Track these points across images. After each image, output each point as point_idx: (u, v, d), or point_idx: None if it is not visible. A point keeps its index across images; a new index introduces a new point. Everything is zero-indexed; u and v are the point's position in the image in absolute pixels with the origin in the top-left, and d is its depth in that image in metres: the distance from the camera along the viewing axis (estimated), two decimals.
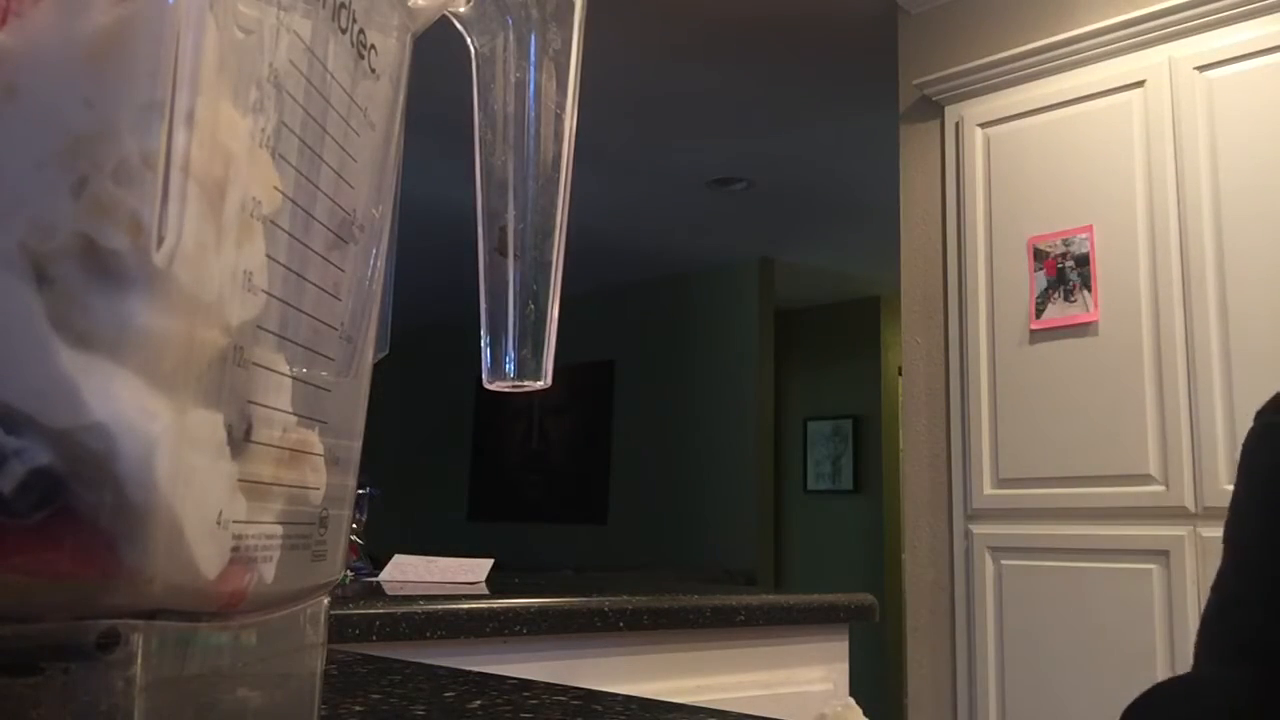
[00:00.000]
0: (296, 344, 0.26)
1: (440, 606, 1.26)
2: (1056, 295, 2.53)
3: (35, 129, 0.20)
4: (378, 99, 0.31)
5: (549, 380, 0.38)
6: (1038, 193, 2.61)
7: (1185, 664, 2.20)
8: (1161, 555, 2.30)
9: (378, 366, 0.34)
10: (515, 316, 0.38)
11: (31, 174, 0.20)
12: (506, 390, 0.38)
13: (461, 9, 0.36)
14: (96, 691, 0.20)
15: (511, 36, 0.37)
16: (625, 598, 1.42)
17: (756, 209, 5.00)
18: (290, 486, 0.26)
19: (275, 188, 0.25)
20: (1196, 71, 2.38)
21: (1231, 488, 0.83)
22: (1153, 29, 2.48)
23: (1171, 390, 2.32)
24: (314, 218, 0.27)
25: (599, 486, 6.23)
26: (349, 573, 1.66)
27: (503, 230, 0.37)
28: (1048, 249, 2.56)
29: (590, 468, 6.31)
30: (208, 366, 0.22)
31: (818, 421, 6.36)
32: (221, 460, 0.23)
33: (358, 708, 0.49)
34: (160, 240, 0.20)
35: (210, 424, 0.22)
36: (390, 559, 1.74)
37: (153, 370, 0.20)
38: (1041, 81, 2.66)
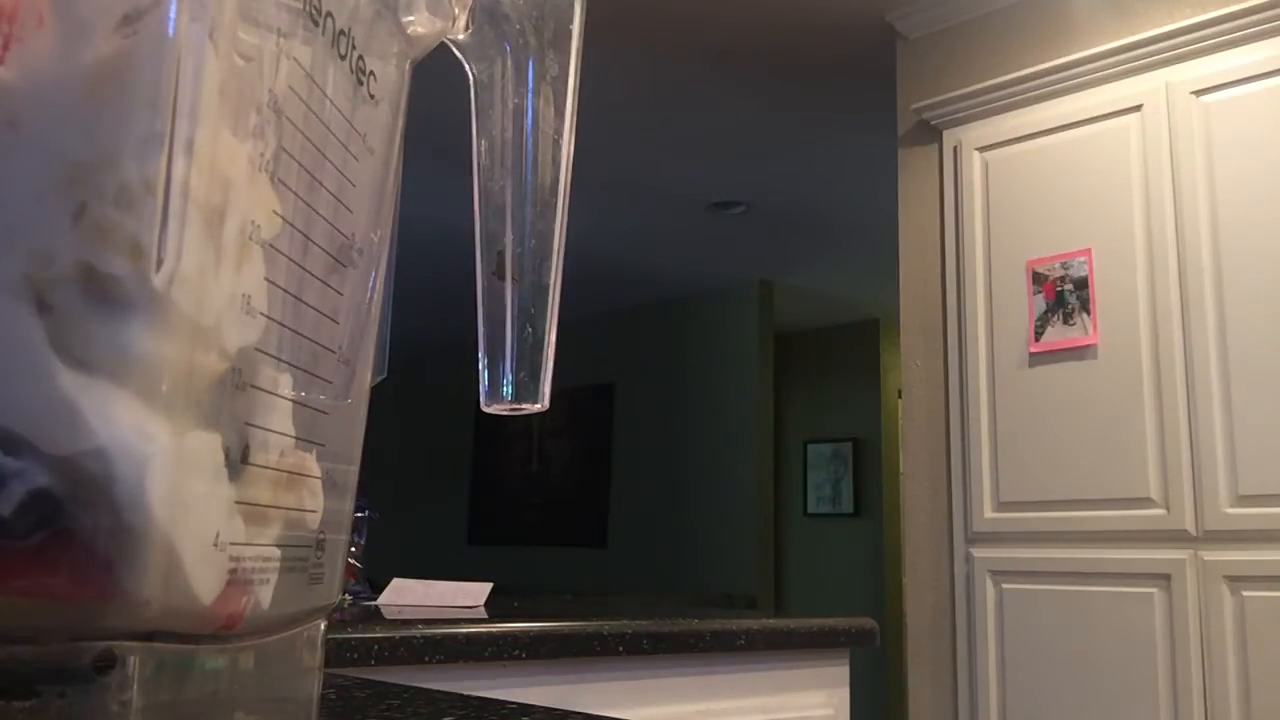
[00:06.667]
0: (295, 367, 0.27)
1: (439, 630, 1.26)
2: (1055, 318, 2.54)
3: (36, 159, 0.20)
4: (377, 125, 0.31)
5: (546, 403, 0.38)
6: (1036, 216, 2.62)
7: (1187, 689, 2.20)
8: (1163, 579, 2.29)
9: (376, 389, 0.34)
10: (513, 340, 0.38)
11: (32, 203, 0.20)
12: (504, 413, 0.38)
13: (460, 36, 0.37)
14: (92, 715, 0.20)
15: (510, 63, 0.37)
16: (625, 622, 1.41)
17: (756, 232, 5.02)
18: (288, 509, 0.27)
19: (274, 212, 0.25)
20: (1193, 96, 2.40)
21: (1232, 511, 0.78)
22: (1150, 54, 2.49)
23: (1171, 413, 2.32)
24: (313, 242, 0.27)
25: (598, 510, 6.22)
26: (347, 596, 1.66)
27: (500, 254, 0.38)
28: (1046, 272, 2.57)
29: (590, 491, 6.29)
30: (206, 389, 0.22)
31: (818, 444, 6.35)
32: (219, 483, 0.23)
33: None
34: (159, 263, 0.21)
35: (208, 446, 0.22)
36: (389, 582, 1.73)
37: (151, 393, 0.21)
38: (1039, 106, 2.67)
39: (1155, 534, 2.32)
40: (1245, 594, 2.18)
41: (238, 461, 0.23)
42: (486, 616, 1.42)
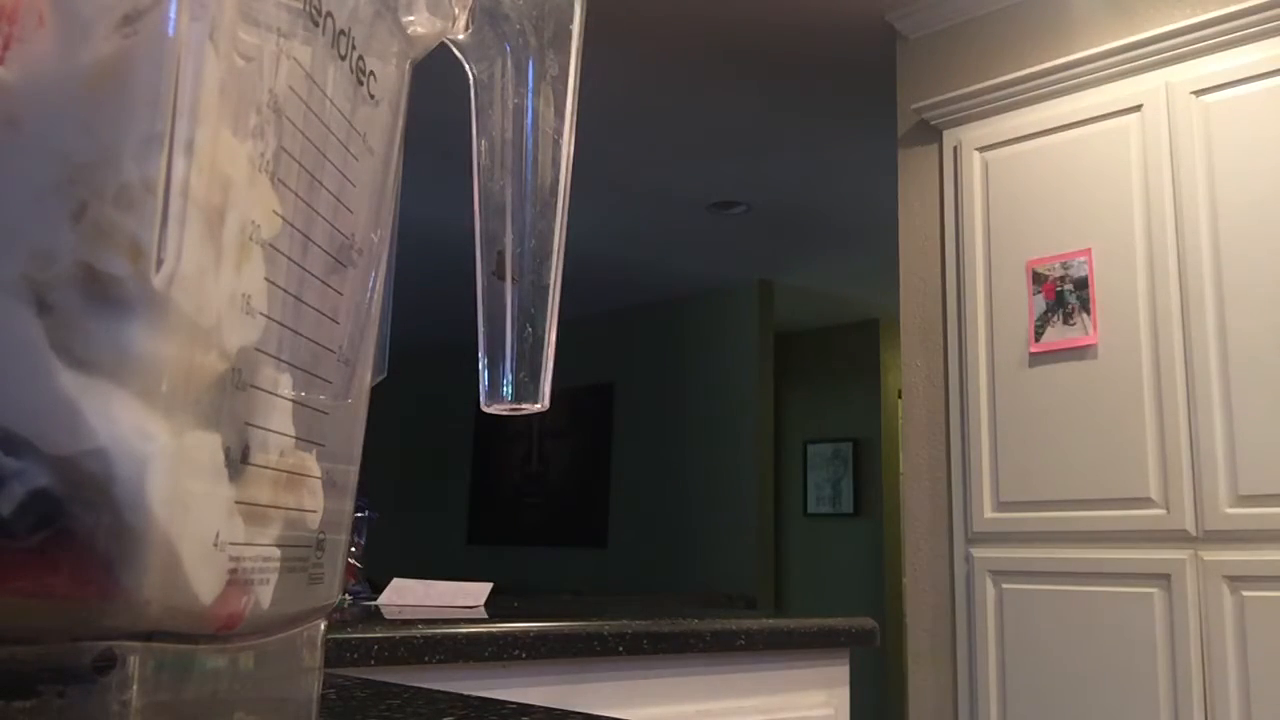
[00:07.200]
0: (295, 367, 0.27)
1: (439, 630, 1.26)
2: (1055, 318, 2.54)
3: (36, 159, 0.20)
4: (377, 125, 0.31)
5: (546, 403, 0.38)
6: (1036, 216, 2.62)
7: (1187, 689, 2.20)
8: (1163, 579, 2.29)
9: (376, 389, 0.34)
10: (513, 340, 0.38)
11: (32, 203, 0.20)
12: (504, 413, 0.38)
13: (460, 36, 0.37)
14: (92, 715, 0.20)
15: (510, 63, 0.37)
16: (625, 622, 1.41)
17: (756, 232, 5.02)
18: (288, 509, 0.27)
19: (274, 212, 0.25)
20: (1193, 96, 2.40)
21: (1232, 511, 0.79)
22: (1150, 54, 2.49)
23: (1171, 413, 2.32)
24: (313, 241, 0.27)
25: (598, 510, 6.22)
26: (347, 596, 1.66)
27: (500, 254, 0.38)
28: (1046, 272, 2.57)
29: (589, 491, 6.29)
30: (206, 389, 0.22)
31: (818, 444, 6.35)
32: (219, 483, 0.23)
33: None
34: (159, 264, 0.21)
35: (208, 446, 0.22)
36: (389, 582, 1.73)
37: (151, 393, 0.21)
38: (1039, 106, 2.67)
39: (1155, 534, 2.32)
40: (1245, 594, 2.18)
41: (238, 461, 0.23)
42: (486, 616, 1.42)
